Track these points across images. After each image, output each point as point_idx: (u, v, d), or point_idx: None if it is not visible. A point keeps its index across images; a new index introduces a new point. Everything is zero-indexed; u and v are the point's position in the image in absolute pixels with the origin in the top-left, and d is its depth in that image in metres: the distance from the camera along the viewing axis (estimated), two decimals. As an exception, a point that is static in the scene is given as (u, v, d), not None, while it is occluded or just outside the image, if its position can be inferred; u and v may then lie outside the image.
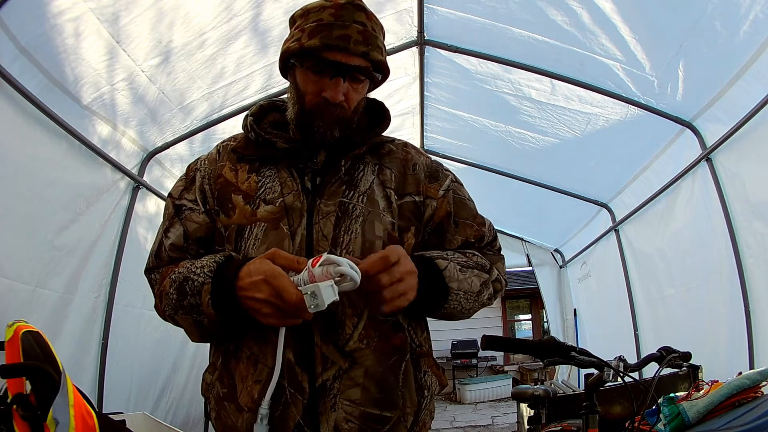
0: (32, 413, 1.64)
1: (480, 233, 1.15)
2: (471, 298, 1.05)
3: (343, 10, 0.99)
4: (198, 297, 0.93)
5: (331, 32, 0.97)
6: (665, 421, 1.53)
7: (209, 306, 0.92)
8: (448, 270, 1.01)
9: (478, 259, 1.10)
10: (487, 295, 1.09)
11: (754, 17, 2.10)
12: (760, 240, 2.51)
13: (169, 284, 1.00)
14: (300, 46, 0.99)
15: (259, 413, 0.91)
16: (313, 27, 0.99)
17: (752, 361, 2.54)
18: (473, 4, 2.78)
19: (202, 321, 0.95)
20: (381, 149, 1.13)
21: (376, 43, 1.01)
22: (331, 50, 0.97)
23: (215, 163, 1.11)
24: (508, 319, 12.69)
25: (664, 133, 3.16)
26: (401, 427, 1.01)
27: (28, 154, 2.22)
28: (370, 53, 0.99)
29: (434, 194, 1.12)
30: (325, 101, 1.01)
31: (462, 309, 1.05)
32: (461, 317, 1.09)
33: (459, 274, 1.03)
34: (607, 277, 4.85)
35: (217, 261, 0.95)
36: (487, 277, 1.09)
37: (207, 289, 0.92)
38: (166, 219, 1.12)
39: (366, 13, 1.02)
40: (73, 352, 2.59)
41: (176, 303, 0.97)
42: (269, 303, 0.86)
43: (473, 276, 1.05)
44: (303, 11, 1.04)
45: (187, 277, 0.96)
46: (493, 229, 1.20)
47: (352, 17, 0.99)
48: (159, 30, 2.36)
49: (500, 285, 1.13)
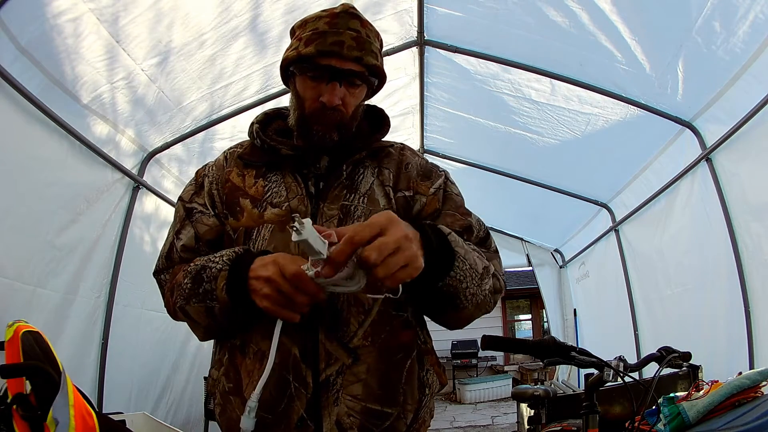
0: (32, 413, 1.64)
1: (465, 223, 1.11)
2: (475, 278, 0.97)
3: (338, 18, 1.05)
4: (214, 282, 0.96)
5: (326, 39, 1.03)
6: (665, 421, 1.53)
7: (223, 290, 0.95)
8: (452, 236, 0.97)
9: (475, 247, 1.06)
10: (487, 286, 1.02)
11: (754, 18, 2.10)
12: (757, 240, 2.51)
13: (183, 276, 1.03)
14: (297, 54, 1.04)
15: (248, 406, 0.92)
16: (309, 35, 1.04)
17: (752, 361, 2.54)
18: (473, 5, 2.78)
19: (213, 307, 0.98)
20: (380, 153, 1.17)
21: (369, 48, 1.06)
22: (326, 56, 1.02)
23: (223, 168, 1.16)
24: (508, 319, 12.70)
25: (663, 133, 3.16)
26: (401, 423, 1.03)
27: (28, 154, 2.22)
28: (364, 58, 1.04)
29: (424, 191, 1.14)
30: (322, 106, 1.05)
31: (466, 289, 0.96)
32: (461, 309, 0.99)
33: (463, 244, 0.99)
34: (607, 277, 4.85)
35: (236, 252, 0.99)
36: (488, 264, 1.05)
37: (224, 275, 0.95)
38: (177, 222, 1.16)
39: (360, 20, 1.08)
40: (73, 352, 2.59)
41: (190, 291, 1.00)
42: (270, 282, 0.88)
43: (474, 254, 1.01)
44: (302, 22, 1.10)
45: (205, 266, 0.99)
46: (483, 225, 1.15)
47: (347, 25, 1.05)
48: (158, 30, 2.36)
49: (499, 284, 1.08)
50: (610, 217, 4.56)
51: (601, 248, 4.98)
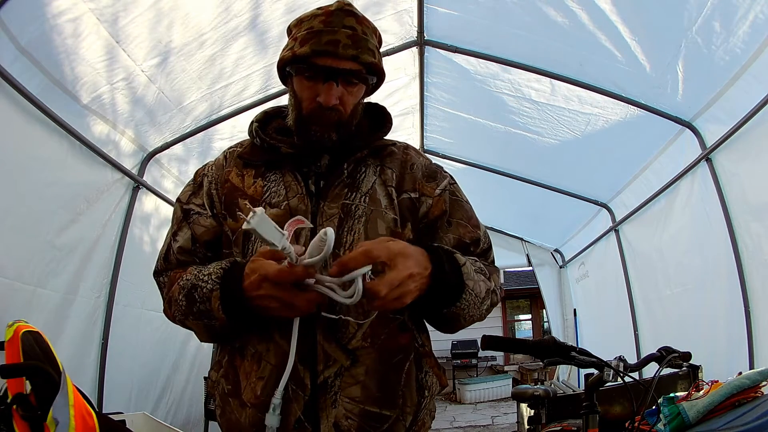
0: (32, 413, 1.64)
1: (475, 235, 1.14)
2: (477, 303, 1.03)
3: (333, 16, 1.03)
4: (208, 303, 0.97)
5: (321, 38, 1.00)
6: (665, 421, 1.53)
7: (220, 311, 0.96)
8: (466, 267, 1.00)
9: (480, 264, 1.10)
10: (485, 306, 1.07)
11: (754, 17, 2.10)
12: (757, 240, 2.51)
13: (178, 291, 1.03)
14: (293, 55, 1.02)
15: (272, 403, 0.93)
16: (305, 35, 1.02)
17: (752, 361, 2.54)
18: (473, 5, 2.78)
19: (213, 325, 0.99)
20: (383, 151, 1.15)
21: (366, 46, 1.03)
22: (321, 56, 1.00)
23: (222, 168, 1.15)
24: (508, 319, 12.71)
25: (663, 133, 3.16)
26: (400, 425, 1.02)
27: (28, 154, 2.22)
28: (360, 56, 1.02)
29: (430, 192, 1.13)
30: (319, 106, 1.03)
31: (467, 314, 1.02)
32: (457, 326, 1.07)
33: (474, 274, 1.02)
34: (607, 277, 4.85)
35: (223, 267, 0.99)
36: (491, 285, 1.09)
37: (216, 295, 0.96)
38: (174, 223, 1.15)
39: (356, 17, 1.05)
40: (74, 352, 2.59)
41: (186, 309, 1.01)
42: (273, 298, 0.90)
43: (481, 281, 1.04)
44: (297, 21, 1.08)
45: (195, 285, 0.99)
46: (488, 237, 1.18)
47: (342, 22, 1.02)
48: (158, 30, 2.36)
49: (497, 297, 1.12)
50: (610, 217, 4.56)
51: (601, 248, 4.98)
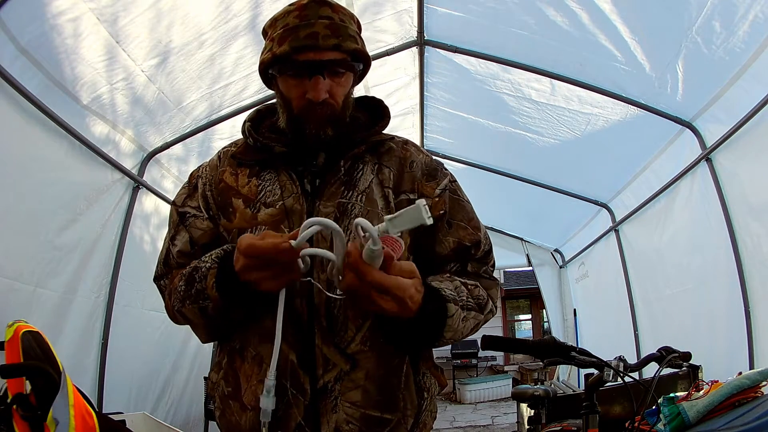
0: (32, 413, 1.64)
1: (476, 238, 1.11)
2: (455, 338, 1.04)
3: (307, 9, 1.00)
4: (204, 281, 0.96)
5: (299, 33, 0.97)
6: (665, 421, 1.53)
7: (213, 288, 0.94)
8: (453, 319, 0.98)
9: (479, 292, 1.07)
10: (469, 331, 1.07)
11: (754, 18, 2.10)
12: (757, 240, 2.51)
13: (179, 279, 1.03)
14: (273, 55, 0.99)
15: (265, 385, 0.91)
16: (281, 33, 0.99)
17: (752, 361, 2.54)
18: (473, 4, 2.78)
19: (206, 307, 0.97)
20: (381, 147, 1.11)
21: (347, 33, 1.00)
22: (302, 51, 0.97)
23: (216, 168, 1.12)
24: (508, 319, 12.71)
25: (663, 133, 3.16)
26: (401, 428, 1.01)
27: (28, 154, 2.22)
28: (343, 44, 0.98)
29: (429, 193, 1.10)
30: (309, 103, 1.00)
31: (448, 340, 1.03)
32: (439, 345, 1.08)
33: (460, 323, 1.01)
34: (607, 277, 4.85)
35: (225, 249, 0.98)
36: (482, 318, 1.08)
37: (213, 273, 0.95)
38: (171, 227, 1.13)
39: (331, 6, 1.02)
40: (74, 352, 2.59)
41: (184, 293, 1.00)
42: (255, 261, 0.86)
43: (470, 319, 1.04)
44: (271, 21, 1.05)
45: (197, 267, 0.99)
46: (488, 239, 1.16)
47: (317, 14, 0.99)
48: (158, 30, 2.36)
49: (491, 315, 1.11)
50: (610, 217, 4.56)
51: (601, 248, 4.98)
